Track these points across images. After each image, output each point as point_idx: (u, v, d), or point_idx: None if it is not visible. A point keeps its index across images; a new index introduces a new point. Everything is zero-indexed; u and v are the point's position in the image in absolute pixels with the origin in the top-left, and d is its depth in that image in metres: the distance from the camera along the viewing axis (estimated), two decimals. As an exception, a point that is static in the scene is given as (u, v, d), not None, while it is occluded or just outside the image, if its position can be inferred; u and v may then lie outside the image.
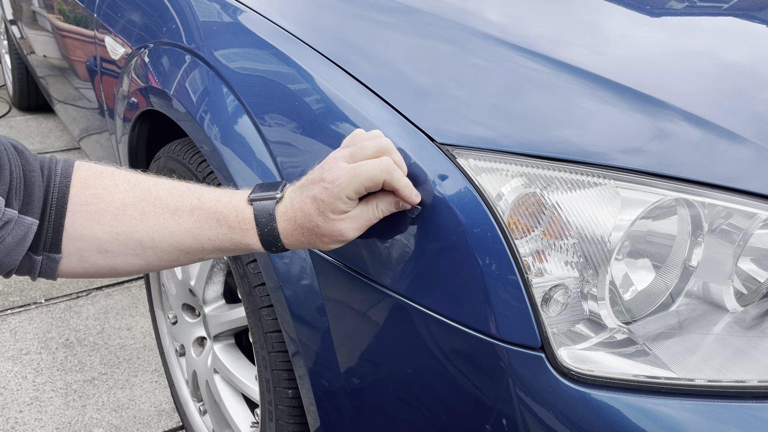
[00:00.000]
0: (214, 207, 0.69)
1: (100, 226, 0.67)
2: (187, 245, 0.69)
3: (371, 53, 0.92)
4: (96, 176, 0.68)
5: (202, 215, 0.68)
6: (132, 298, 2.03)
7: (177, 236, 0.68)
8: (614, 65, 0.86)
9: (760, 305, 0.73)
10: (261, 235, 0.69)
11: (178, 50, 1.15)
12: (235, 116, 0.96)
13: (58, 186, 0.66)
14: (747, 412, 0.63)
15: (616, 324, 0.70)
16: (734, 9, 1.15)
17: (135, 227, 0.67)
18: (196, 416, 1.45)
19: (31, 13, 2.46)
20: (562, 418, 0.65)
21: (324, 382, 0.89)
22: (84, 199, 0.67)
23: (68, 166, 0.68)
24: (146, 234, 0.68)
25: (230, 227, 0.69)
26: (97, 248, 0.67)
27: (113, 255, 0.68)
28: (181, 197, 0.69)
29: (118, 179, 0.69)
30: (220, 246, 0.70)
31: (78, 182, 0.67)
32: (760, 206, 0.69)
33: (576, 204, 0.68)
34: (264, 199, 0.69)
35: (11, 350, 1.79)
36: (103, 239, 0.67)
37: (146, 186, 0.69)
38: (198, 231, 0.68)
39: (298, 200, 0.68)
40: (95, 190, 0.67)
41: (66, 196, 0.66)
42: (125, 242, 0.68)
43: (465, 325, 0.70)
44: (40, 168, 0.67)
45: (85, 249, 0.67)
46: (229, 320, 1.22)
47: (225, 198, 0.70)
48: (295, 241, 0.69)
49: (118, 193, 0.68)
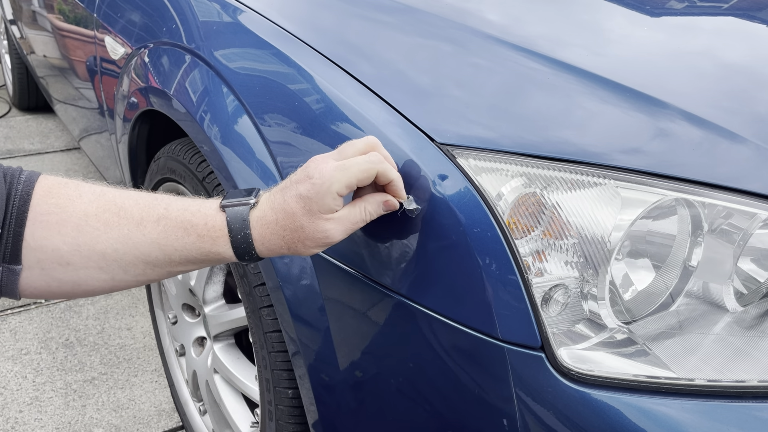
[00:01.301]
0: (181, 216, 0.66)
1: (61, 237, 0.64)
2: (153, 257, 0.66)
3: (371, 53, 0.92)
4: (60, 186, 0.66)
5: (169, 225, 0.66)
6: (132, 298, 2.03)
7: (142, 247, 0.66)
8: (614, 65, 0.86)
9: (760, 305, 0.73)
10: (233, 241, 0.66)
11: (178, 50, 1.15)
12: (235, 116, 0.96)
13: (20, 194, 0.64)
14: (747, 412, 0.63)
15: (616, 324, 0.70)
16: (734, 9, 1.15)
17: (98, 238, 0.65)
18: (196, 416, 1.45)
19: (31, 13, 2.46)
20: (562, 418, 0.65)
21: (324, 381, 0.89)
22: (45, 208, 0.64)
23: (33, 176, 0.66)
24: (109, 245, 0.65)
25: (199, 236, 0.66)
26: (58, 260, 0.65)
27: (75, 268, 0.65)
28: (147, 207, 0.66)
29: (83, 189, 0.66)
30: (188, 256, 0.67)
31: (41, 190, 0.65)
32: (760, 206, 0.69)
33: (576, 204, 0.68)
34: (237, 205, 0.67)
35: (11, 350, 1.79)
36: (64, 251, 0.64)
37: (111, 196, 0.66)
38: (164, 241, 0.66)
39: (280, 201, 0.66)
40: (58, 199, 0.65)
41: (27, 205, 0.64)
42: (87, 254, 0.65)
43: (465, 324, 0.70)
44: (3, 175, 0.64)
45: (45, 261, 0.65)
46: (229, 320, 1.22)
47: (194, 207, 0.67)
48: (273, 246, 0.67)
49: (81, 203, 0.65)
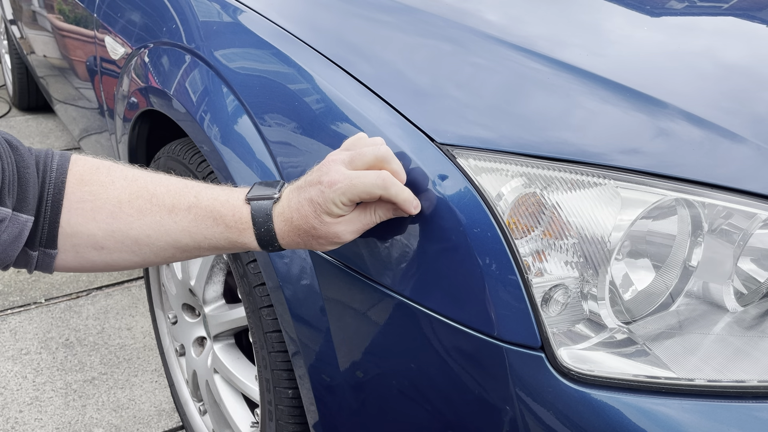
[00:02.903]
0: (211, 205, 0.68)
1: (96, 224, 0.66)
2: (183, 243, 0.69)
3: (371, 53, 0.92)
4: (92, 172, 0.68)
5: (199, 214, 0.68)
6: (132, 298, 2.03)
7: (173, 234, 0.68)
8: (614, 65, 0.86)
9: (760, 305, 0.73)
10: (258, 235, 0.68)
11: (178, 50, 1.15)
12: (235, 116, 0.96)
13: (54, 182, 0.66)
14: (746, 412, 0.63)
15: (616, 324, 0.70)
16: (734, 9, 1.15)
17: (131, 225, 0.67)
18: (196, 416, 1.45)
19: (31, 13, 2.46)
20: (562, 418, 0.65)
21: (324, 381, 0.89)
22: (80, 196, 0.66)
23: (64, 161, 0.67)
24: (142, 232, 0.67)
25: (227, 226, 0.68)
26: (93, 245, 0.67)
27: (109, 251, 0.68)
28: (178, 195, 0.68)
29: (115, 175, 0.68)
30: (216, 244, 0.69)
31: (74, 178, 0.67)
32: (760, 206, 0.69)
33: (576, 204, 0.68)
34: (261, 198, 0.68)
35: (11, 350, 1.79)
36: (99, 236, 0.67)
37: (143, 182, 0.68)
38: (195, 229, 0.68)
39: (296, 201, 0.67)
40: (91, 186, 0.67)
41: (62, 193, 0.66)
42: (121, 240, 0.67)
43: (465, 324, 0.70)
44: (35, 163, 0.66)
45: (80, 245, 0.67)
46: (229, 320, 1.22)
47: (222, 196, 0.69)
48: (292, 241, 0.69)
49: (114, 189, 0.67)
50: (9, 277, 2.11)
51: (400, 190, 0.67)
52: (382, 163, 0.68)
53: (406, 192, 0.68)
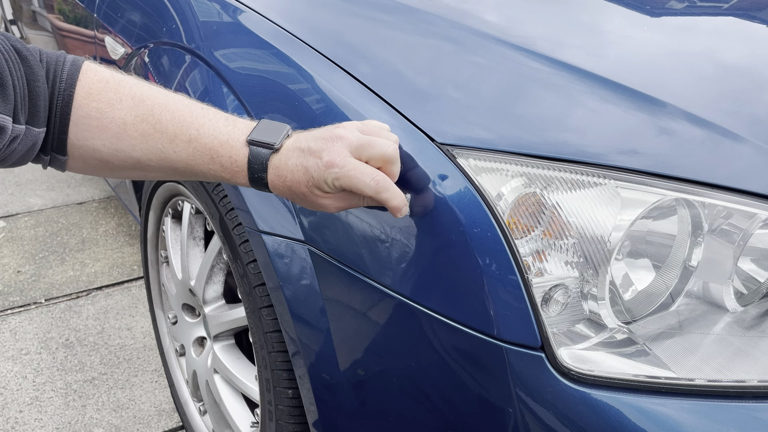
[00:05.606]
0: (210, 144, 0.69)
1: (101, 141, 0.69)
2: (181, 169, 0.71)
3: (371, 54, 0.92)
4: (101, 86, 0.69)
5: (198, 148, 0.69)
6: (132, 298, 2.03)
7: (172, 162, 0.70)
8: (614, 65, 0.86)
9: (760, 305, 0.74)
10: (251, 178, 0.70)
11: (178, 50, 1.15)
12: (235, 116, 0.96)
13: (63, 94, 0.67)
14: (746, 412, 0.63)
15: (616, 324, 0.70)
16: (734, 9, 1.15)
17: (134, 147, 0.69)
18: (196, 416, 1.45)
19: (31, 13, 2.46)
20: (562, 418, 0.65)
21: (324, 381, 0.89)
22: (86, 111, 0.68)
23: (75, 70, 0.69)
24: (144, 155, 0.70)
25: (222, 166, 0.70)
26: (99, 158, 0.70)
27: (113, 166, 0.71)
28: (181, 125, 0.70)
29: (123, 92, 0.69)
30: (210, 178, 0.72)
31: (82, 91, 0.68)
32: (760, 206, 0.69)
33: (576, 204, 0.68)
34: (262, 145, 0.69)
35: (11, 350, 1.79)
36: (103, 152, 0.70)
37: (150, 105, 0.70)
38: (192, 162, 0.70)
39: (293, 163, 0.68)
40: (98, 103, 0.68)
41: (69, 106, 0.68)
42: (124, 158, 0.70)
43: (465, 325, 0.70)
44: (45, 73, 0.67)
45: (87, 157, 0.70)
46: (229, 320, 1.22)
47: (223, 135, 0.70)
48: (281, 193, 0.70)
49: (120, 110, 0.69)
50: (9, 277, 2.11)
51: (391, 196, 0.65)
52: (386, 163, 0.67)
53: (399, 200, 0.66)
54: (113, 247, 2.30)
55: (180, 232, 1.31)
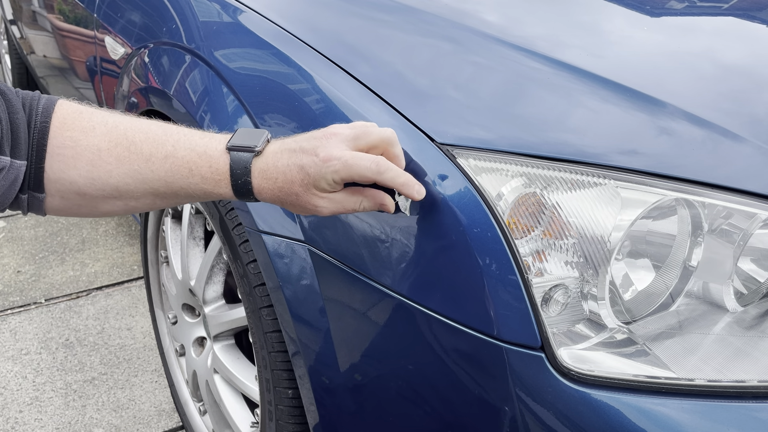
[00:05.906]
0: (188, 156, 0.68)
1: (77, 171, 0.67)
2: (161, 191, 0.69)
3: (371, 54, 0.92)
4: (75, 116, 0.68)
5: (175, 163, 0.68)
6: (132, 298, 2.03)
7: (150, 182, 0.69)
8: (614, 66, 0.86)
9: (760, 305, 0.74)
10: (234, 186, 0.68)
11: (178, 50, 1.15)
12: (235, 116, 0.96)
13: (39, 126, 0.67)
14: (746, 412, 0.63)
15: (616, 324, 0.70)
16: (734, 9, 1.15)
17: (110, 173, 0.68)
18: (196, 416, 1.45)
19: (31, 13, 2.46)
20: (562, 418, 0.65)
21: (324, 381, 0.89)
22: (61, 141, 0.67)
23: (50, 104, 0.68)
24: (121, 180, 0.68)
25: (202, 177, 0.68)
26: (76, 191, 0.68)
27: (92, 197, 0.69)
28: (156, 144, 0.68)
29: (96, 120, 0.69)
30: (192, 194, 0.70)
31: (57, 122, 0.67)
32: (760, 206, 0.69)
33: (576, 204, 0.68)
34: (242, 149, 0.68)
35: (11, 350, 1.79)
36: (80, 183, 0.68)
37: (123, 129, 0.69)
38: (170, 179, 0.68)
39: (284, 164, 0.67)
40: (72, 132, 0.67)
41: (45, 138, 0.67)
42: (101, 187, 0.68)
43: (465, 325, 0.70)
44: (22, 106, 0.67)
45: (64, 191, 0.68)
46: (229, 320, 1.22)
47: (200, 147, 0.69)
48: (268, 198, 0.69)
49: (94, 137, 0.68)
50: (9, 277, 2.11)
51: (396, 174, 0.66)
52: (387, 145, 0.67)
53: (405, 176, 0.66)
54: (113, 247, 2.30)
55: (180, 232, 1.31)
